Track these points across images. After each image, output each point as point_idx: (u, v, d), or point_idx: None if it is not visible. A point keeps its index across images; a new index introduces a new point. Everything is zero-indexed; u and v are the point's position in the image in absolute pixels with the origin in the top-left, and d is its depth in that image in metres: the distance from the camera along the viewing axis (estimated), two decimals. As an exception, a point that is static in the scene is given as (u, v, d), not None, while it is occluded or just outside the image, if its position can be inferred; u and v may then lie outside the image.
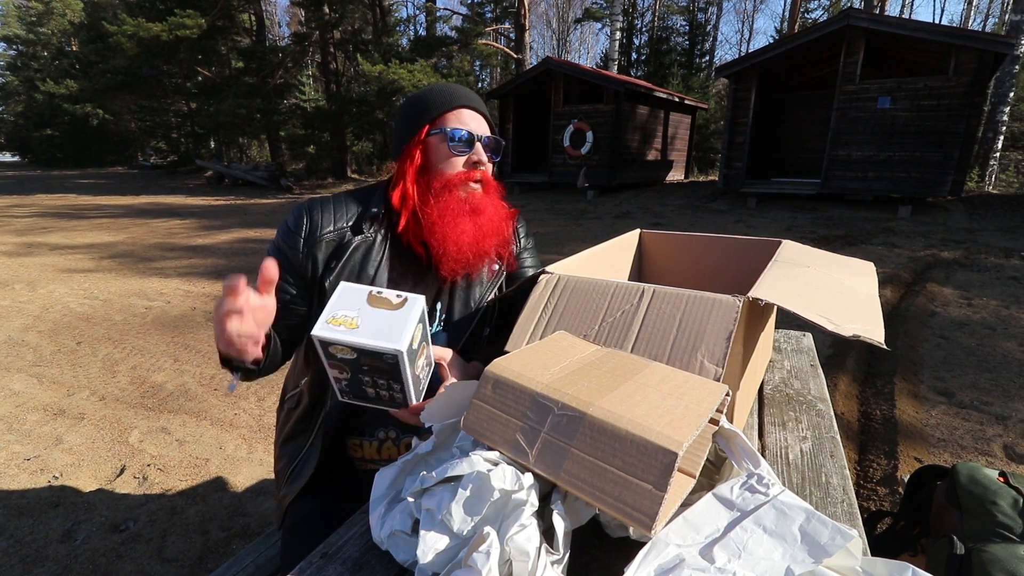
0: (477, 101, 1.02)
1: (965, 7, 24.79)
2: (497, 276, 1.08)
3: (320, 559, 0.65)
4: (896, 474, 2.07)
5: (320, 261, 0.96)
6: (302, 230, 0.97)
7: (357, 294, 0.75)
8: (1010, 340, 3.36)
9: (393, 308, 0.74)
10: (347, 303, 0.74)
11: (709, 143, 18.44)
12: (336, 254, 0.97)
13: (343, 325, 0.71)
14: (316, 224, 0.97)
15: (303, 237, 0.96)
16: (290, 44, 18.30)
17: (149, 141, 26.09)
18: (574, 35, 36.44)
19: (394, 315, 0.73)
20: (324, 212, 0.99)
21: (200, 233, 8.25)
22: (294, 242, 0.96)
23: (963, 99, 7.43)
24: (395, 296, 0.75)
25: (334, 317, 0.72)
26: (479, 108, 1.02)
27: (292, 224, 0.98)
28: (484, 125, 1.02)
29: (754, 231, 7.44)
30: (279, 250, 0.98)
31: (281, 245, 0.97)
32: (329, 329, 0.71)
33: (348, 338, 0.70)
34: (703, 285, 1.14)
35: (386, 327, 0.72)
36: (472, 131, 0.99)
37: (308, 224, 0.97)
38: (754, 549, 0.50)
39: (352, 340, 0.70)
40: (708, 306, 0.72)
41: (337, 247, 0.97)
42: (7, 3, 28.31)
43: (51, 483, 2.11)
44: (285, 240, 0.97)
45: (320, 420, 1.00)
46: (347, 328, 0.71)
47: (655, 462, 0.50)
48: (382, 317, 0.73)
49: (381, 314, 0.73)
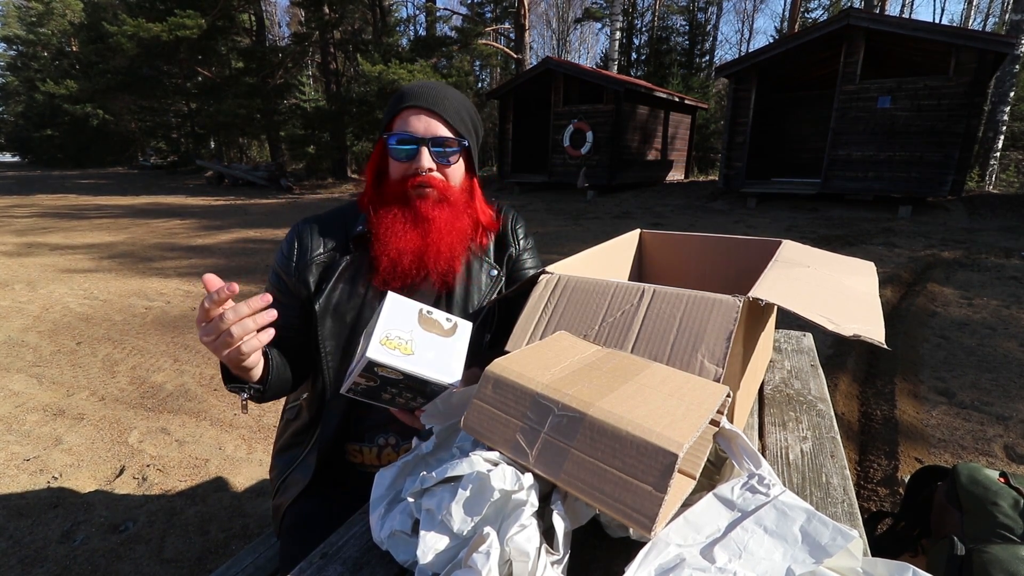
0: (428, 99, 0.94)
1: (965, 7, 24.81)
2: (496, 281, 1.06)
3: (320, 559, 0.65)
4: (897, 474, 2.07)
5: (312, 284, 0.97)
6: (294, 254, 0.98)
7: (408, 311, 0.72)
8: (1011, 340, 3.36)
9: (445, 335, 0.72)
10: (399, 322, 0.70)
11: (709, 143, 18.44)
12: (326, 275, 0.97)
13: (398, 349, 0.68)
14: (306, 247, 0.98)
15: (295, 262, 0.98)
16: (290, 44, 18.32)
17: (149, 141, 26.13)
18: (574, 35, 36.47)
19: (447, 343, 0.72)
20: (314, 235, 0.99)
21: (200, 233, 8.25)
22: (287, 267, 0.98)
23: (963, 99, 7.43)
24: (445, 320, 0.74)
25: (387, 338, 0.69)
26: (429, 106, 0.93)
27: (285, 250, 0.99)
28: (435, 125, 0.94)
29: (754, 231, 7.44)
30: (276, 275, 0.99)
31: (278, 270, 0.99)
32: (385, 353, 0.67)
33: (404, 365, 0.68)
34: (703, 285, 1.14)
35: (443, 357, 0.70)
36: (414, 133, 0.93)
37: (299, 248, 0.98)
38: (755, 549, 0.50)
39: (409, 369, 0.68)
40: (708, 306, 0.72)
41: (326, 268, 0.97)
42: (7, 3, 28.34)
43: (50, 484, 2.11)
44: (280, 266, 0.99)
45: (315, 437, 1.00)
46: (402, 353, 0.68)
47: (655, 463, 0.50)
48: (435, 344, 0.71)
49: (434, 340, 0.71)
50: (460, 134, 0.97)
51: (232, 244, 7.34)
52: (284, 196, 14.17)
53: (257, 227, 8.81)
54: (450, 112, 0.95)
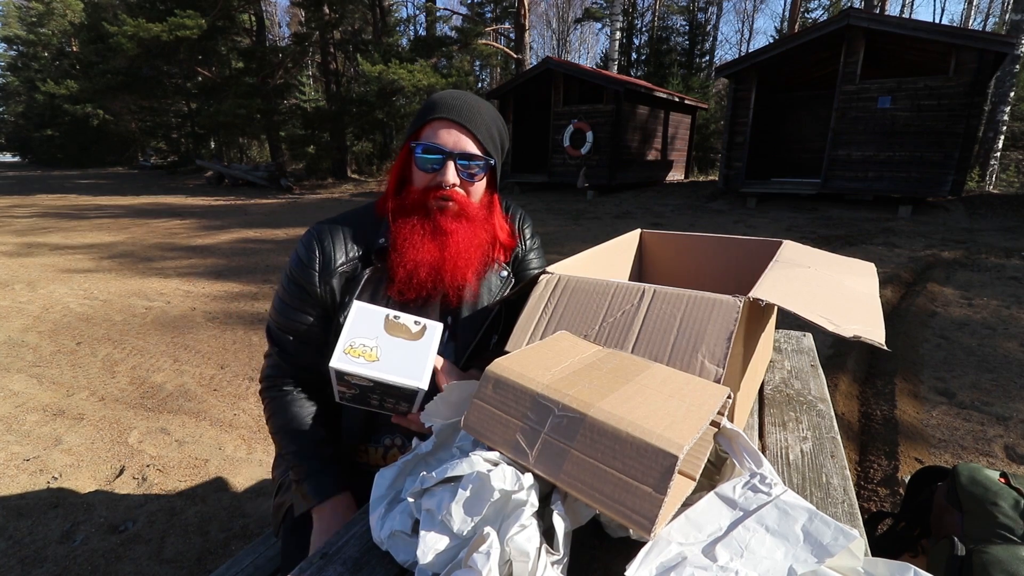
0: (461, 112, 0.91)
1: (965, 7, 24.80)
2: (506, 283, 1.05)
3: (320, 559, 0.65)
4: (897, 475, 2.07)
5: (337, 293, 0.95)
6: (315, 263, 0.94)
7: (374, 318, 0.73)
8: (1011, 340, 3.36)
9: (412, 338, 0.72)
10: (364, 329, 0.71)
11: (709, 143, 18.43)
12: (349, 288, 0.95)
13: (362, 356, 0.69)
14: (329, 256, 0.94)
15: (317, 271, 0.94)
16: (290, 44, 18.31)
17: (149, 141, 26.10)
18: (574, 35, 36.47)
19: (414, 347, 0.71)
20: (335, 241, 0.95)
21: (200, 233, 8.25)
22: (309, 276, 0.94)
23: (963, 99, 7.43)
24: (413, 323, 0.73)
25: (352, 346, 0.70)
26: (462, 121, 0.91)
27: (304, 257, 0.95)
28: (465, 141, 0.92)
29: (754, 231, 7.44)
30: (295, 283, 0.95)
31: (297, 278, 0.95)
32: (347, 361, 0.68)
33: (368, 372, 0.68)
34: (703, 285, 1.14)
35: (408, 360, 0.70)
36: (442, 146, 0.91)
37: (321, 256, 0.94)
38: (756, 548, 0.50)
39: (373, 375, 0.68)
40: (709, 306, 0.72)
41: (349, 280, 0.95)
42: (7, 3, 28.34)
43: (50, 484, 2.11)
44: (300, 273, 0.95)
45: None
46: (366, 360, 0.69)
47: (655, 465, 0.50)
48: (402, 348, 0.71)
49: (400, 345, 0.71)
50: (488, 153, 0.95)
51: (232, 244, 7.34)
52: (284, 196, 14.17)
53: (257, 227, 8.81)
54: (481, 129, 0.93)
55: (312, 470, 0.92)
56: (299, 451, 0.94)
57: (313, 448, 0.94)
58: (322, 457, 0.94)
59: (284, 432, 0.96)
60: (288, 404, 0.98)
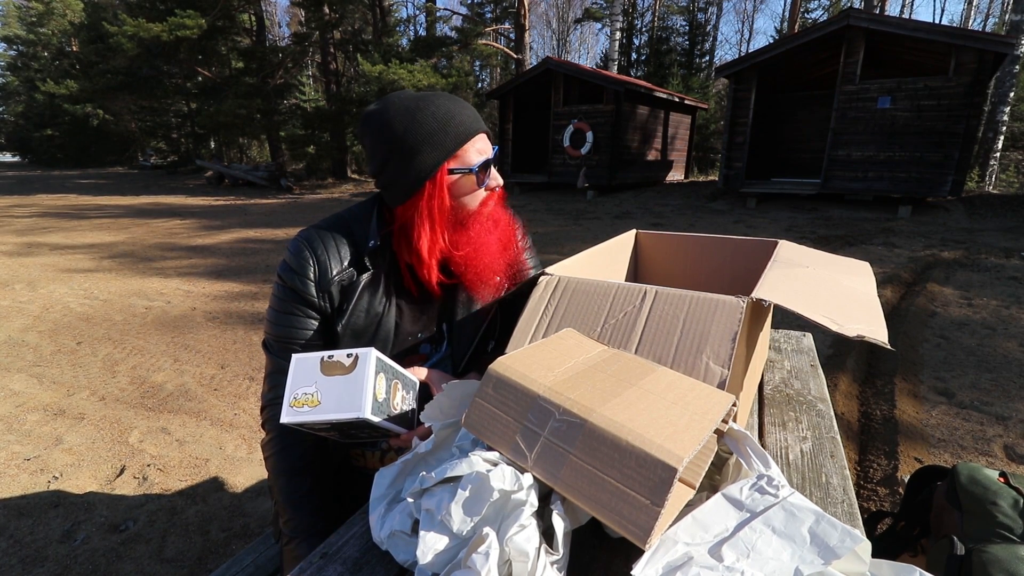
0: (479, 119, 0.94)
1: (965, 7, 24.79)
2: (499, 287, 1.04)
3: (320, 559, 0.65)
4: (896, 474, 2.07)
5: (336, 301, 0.93)
6: (310, 273, 0.91)
7: (310, 365, 0.75)
8: (1010, 340, 3.36)
9: (347, 371, 0.74)
10: (303, 379, 0.74)
11: (709, 143, 18.42)
12: (346, 296, 0.93)
13: (306, 405, 0.72)
14: (324, 266, 0.91)
15: (314, 281, 0.91)
16: (290, 44, 18.30)
17: (149, 141, 26.08)
18: (574, 35, 36.46)
19: (349, 379, 0.73)
20: (328, 249, 0.92)
21: (200, 233, 8.25)
22: (304, 284, 0.91)
23: (963, 99, 7.42)
24: (346, 357, 0.75)
25: (295, 399, 0.72)
26: (482, 127, 0.94)
27: (296, 265, 0.91)
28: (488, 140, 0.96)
29: (754, 231, 7.44)
30: (291, 290, 0.92)
31: (292, 286, 0.92)
32: (294, 413, 0.71)
33: (314, 417, 0.71)
34: (699, 285, 1.14)
35: (346, 394, 0.72)
36: (490, 157, 0.94)
37: (316, 266, 0.91)
38: (763, 549, 0.50)
39: (319, 419, 0.71)
40: (712, 307, 0.72)
41: (345, 289, 0.93)
42: (7, 3, 28.32)
43: (51, 483, 2.11)
44: (295, 283, 0.91)
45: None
46: (310, 408, 0.71)
47: (654, 476, 0.50)
48: (339, 384, 0.73)
49: (337, 382, 0.73)
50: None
51: (232, 244, 7.34)
52: (284, 196, 14.17)
53: (257, 227, 8.80)
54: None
55: (303, 531, 0.92)
56: (293, 517, 0.93)
57: (310, 516, 0.94)
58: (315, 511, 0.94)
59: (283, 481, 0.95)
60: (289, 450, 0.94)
